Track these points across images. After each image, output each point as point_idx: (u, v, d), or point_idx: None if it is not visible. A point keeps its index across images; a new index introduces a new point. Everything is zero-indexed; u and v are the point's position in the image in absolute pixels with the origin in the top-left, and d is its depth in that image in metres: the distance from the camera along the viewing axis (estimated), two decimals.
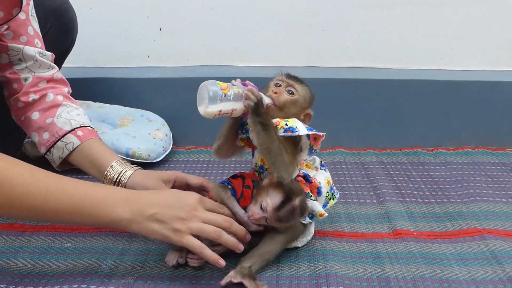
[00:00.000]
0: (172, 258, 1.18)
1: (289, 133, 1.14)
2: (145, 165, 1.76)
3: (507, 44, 2.07)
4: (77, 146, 1.32)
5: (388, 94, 1.98)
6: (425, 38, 2.07)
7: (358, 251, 1.27)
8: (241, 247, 1.12)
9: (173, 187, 1.29)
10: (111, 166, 1.29)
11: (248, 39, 2.10)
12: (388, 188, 1.61)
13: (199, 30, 2.09)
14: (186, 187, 1.30)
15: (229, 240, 1.11)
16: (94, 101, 1.94)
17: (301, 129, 1.15)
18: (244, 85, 1.15)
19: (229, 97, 1.11)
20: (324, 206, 1.22)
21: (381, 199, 1.54)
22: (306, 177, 1.21)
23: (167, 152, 1.84)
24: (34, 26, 1.36)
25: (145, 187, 1.25)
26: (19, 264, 1.20)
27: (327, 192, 1.23)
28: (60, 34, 1.59)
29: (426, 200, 1.54)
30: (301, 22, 2.07)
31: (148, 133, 1.83)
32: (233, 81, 1.16)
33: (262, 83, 1.24)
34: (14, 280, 1.14)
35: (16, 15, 1.28)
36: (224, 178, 1.66)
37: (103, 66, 2.13)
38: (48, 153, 1.34)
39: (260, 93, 1.16)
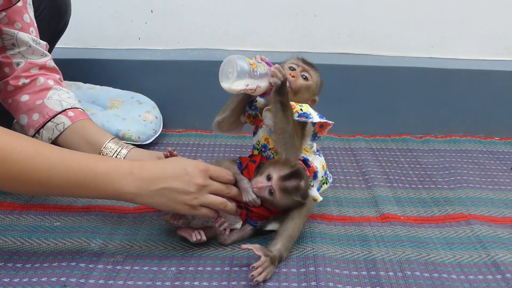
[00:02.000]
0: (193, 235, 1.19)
1: (303, 119, 1.15)
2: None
3: (497, 33, 2.08)
4: (68, 127, 1.31)
5: (378, 81, 1.99)
6: (416, 26, 2.08)
7: (345, 234, 1.28)
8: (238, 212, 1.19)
9: None
10: (106, 145, 1.29)
11: (239, 23, 2.09)
12: (377, 173, 1.63)
13: (191, 13, 2.08)
14: None
15: (233, 208, 1.17)
16: (84, 82, 1.93)
17: (314, 116, 1.16)
18: (267, 64, 1.14)
19: (256, 73, 1.09)
20: (318, 190, 1.24)
21: (370, 184, 1.55)
22: (305, 161, 1.22)
23: (157, 135, 1.84)
24: (30, 14, 1.34)
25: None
26: (8, 242, 1.20)
27: (322, 176, 1.24)
28: (53, 16, 1.57)
29: (414, 186, 1.56)
30: (293, 7, 2.07)
31: (138, 115, 1.83)
32: (255, 58, 1.15)
33: None
34: (3, 258, 1.14)
35: (15, 3, 1.28)
36: (214, 163, 1.68)
37: (93, 48, 2.12)
38: (36, 134, 1.32)
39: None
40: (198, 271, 1.12)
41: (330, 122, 1.19)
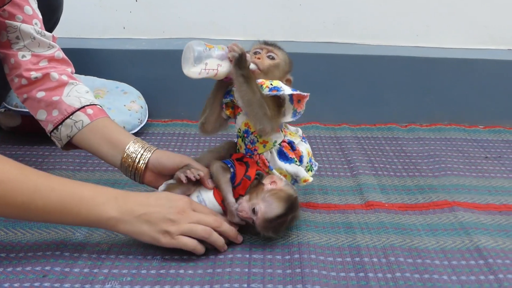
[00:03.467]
0: None
1: (274, 92, 1.14)
2: None
3: (481, 23, 2.09)
4: (87, 125, 1.26)
5: (364, 70, 2.00)
6: (401, 15, 2.08)
7: (330, 221, 1.29)
8: (225, 247, 1.15)
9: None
10: (130, 145, 1.25)
11: (225, 12, 2.09)
12: (362, 162, 1.64)
13: (176, 2, 2.07)
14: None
15: (219, 239, 1.12)
16: None
17: (286, 89, 1.16)
18: None
19: (213, 53, 1.11)
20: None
21: (355, 172, 1.56)
22: (291, 144, 1.22)
23: (142, 124, 1.83)
24: (32, 6, 1.31)
25: (165, 167, 1.24)
26: None
27: (307, 162, 1.25)
28: (45, 12, 1.55)
29: (399, 174, 1.57)
30: None
31: (123, 105, 1.82)
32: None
33: None
34: None
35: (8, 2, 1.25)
36: (200, 151, 1.68)
37: (77, 37, 2.10)
38: (55, 131, 1.28)
39: (249, 58, 1.16)
40: (184, 259, 1.12)
41: (305, 94, 1.19)
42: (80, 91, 1.31)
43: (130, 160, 1.25)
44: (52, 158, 1.60)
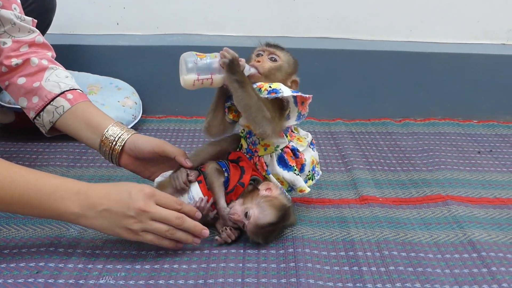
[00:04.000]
0: None
1: (273, 95, 1.13)
2: None
3: (474, 17, 2.10)
4: (67, 110, 1.26)
5: (358, 65, 2.00)
6: (395, 10, 2.08)
7: (324, 216, 1.29)
8: (196, 240, 1.12)
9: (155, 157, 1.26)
10: (109, 128, 1.25)
11: (219, 8, 2.08)
12: (356, 156, 1.64)
13: None
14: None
15: (183, 236, 1.10)
16: None
17: (285, 90, 1.14)
18: None
19: (205, 62, 1.11)
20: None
21: (349, 167, 1.56)
22: (294, 151, 1.21)
23: (136, 120, 1.83)
24: None
25: (141, 151, 1.24)
26: None
27: (309, 171, 1.24)
28: (41, 11, 1.55)
29: (393, 168, 1.57)
30: None
31: (117, 101, 1.82)
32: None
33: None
34: None
35: None
36: (194, 147, 1.68)
37: (71, 33, 2.10)
38: (37, 117, 1.28)
39: (243, 62, 1.15)
40: (178, 254, 1.12)
41: (307, 95, 1.18)
42: (60, 75, 1.31)
43: (108, 142, 1.24)
44: (46, 155, 1.60)
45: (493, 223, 1.27)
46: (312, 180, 1.26)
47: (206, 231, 1.11)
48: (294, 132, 1.25)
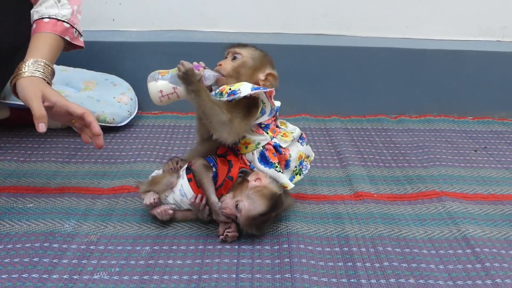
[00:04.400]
0: (148, 198, 1.20)
1: (232, 97, 1.15)
2: (110, 129, 1.76)
3: (470, 14, 2.10)
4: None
5: (354, 62, 2.00)
6: (390, 7, 2.08)
7: (319, 212, 1.30)
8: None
9: (54, 112, 1.26)
10: (27, 62, 1.28)
11: (214, 4, 2.08)
12: (351, 153, 1.64)
13: None
14: (67, 114, 1.26)
15: None
16: (57, 64, 1.90)
17: (244, 90, 1.16)
18: (196, 67, 1.15)
19: (165, 78, 1.17)
20: (291, 180, 1.23)
21: (344, 164, 1.57)
22: (276, 148, 1.21)
23: (132, 116, 1.83)
24: None
25: (23, 94, 1.24)
26: None
27: (295, 166, 1.24)
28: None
29: (388, 165, 1.57)
30: None
31: (113, 97, 1.82)
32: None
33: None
34: None
35: None
36: (189, 144, 1.68)
37: None
38: None
39: (207, 70, 1.18)
40: (172, 250, 1.12)
41: (268, 89, 1.18)
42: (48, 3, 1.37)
43: (16, 70, 1.28)
44: (41, 150, 1.59)
45: (487, 219, 1.27)
46: (300, 175, 1.26)
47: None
48: (280, 128, 1.26)
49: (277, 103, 1.24)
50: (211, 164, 1.19)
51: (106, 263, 1.07)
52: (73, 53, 1.94)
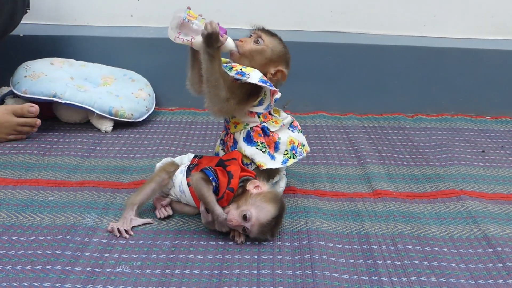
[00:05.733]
0: (158, 213, 1.23)
1: (239, 76, 1.17)
2: (128, 124, 1.77)
3: (488, 12, 2.09)
4: None
5: (370, 60, 2.00)
6: (408, 5, 2.08)
7: (338, 209, 1.30)
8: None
9: None
10: None
11: (231, 0, 2.08)
12: (369, 151, 1.64)
13: None
14: None
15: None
16: (77, 59, 1.92)
17: (253, 77, 1.18)
18: (221, 28, 1.17)
19: (191, 24, 1.18)
20: (284, 162, 1.25)
21: (362, 161, 1.56)
22: (264, 129, 1.24)
23: (150, 112, 1.84)
24: None
25: None
26: (3, 216, 1.21)
27: (286, 150, 1.26)
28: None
29: (406, 163, 1.57)
30: None
31: (131, 92, 1.83)
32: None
33: None
34: None
35: None
36: (207, 140, 1.69)
37: (86, 25, 2.10)
38: None
39: (229, 39, 1.19)
40: (193, 245, 1.13)
41: (273, 88, 1.21)
42: None
43: None
44: (60, 145, 1.60)
45: (507, 219, 1.27)
46: (294, 158, 1.27)
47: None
48: (272, 115, 1.28)
49: (278, 95, 1.26)
50: (211, 178, 1.15)
51: (127, 256, 1.08)
52: (92, 48, 1.97)
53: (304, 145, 1.30)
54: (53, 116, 1.77)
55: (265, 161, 1.23)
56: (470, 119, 1.95)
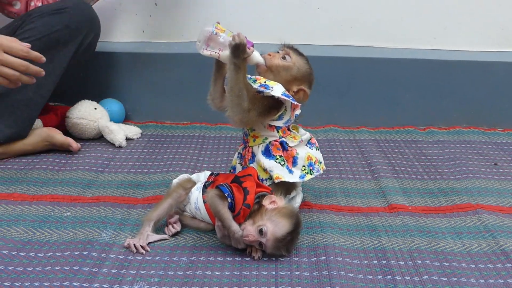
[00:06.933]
0: (166, 230, 1.23)
1: (262, 89, 1.19)
2: (141, 139, 1.78)
3: (498, 25, 2.09)
4: None
5: (381, 73, 2.00)
6: (418, 18, 2.08)
7: (354, 224, 1.29)
8: (34, 80, 1.36)
9: None
10: None
11: (242, 15, 2.09)
12: (382, 164, 1.64)
13: (194, 6, 2.08)
14: None
15: (26, 79, 1.34)
16: (89, 75, 1.92)
17: (277, 91, 1.20)
18: (248, 42, 1.19)
19: (218, 37, 1.20)
20: (302, 177, 1.26)
21: (376, 175, 1.56)
22: (282, 144, 1.25)
23: None
24: None
25: None
26: (20, 232, 1.21)
27: (304, 166, 1.26)
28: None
29: (420, 177, 1.57)
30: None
31: None
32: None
33: None
34: (16, 247, 1.15)
35: None
36: (220, 154, 1.69)
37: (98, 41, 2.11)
38: None
39: (256, 51, 1.22)
40: (210, 261, 1.12)
41: (295, 102, 1.23)
42: None
43: None
44: (75, 159, 1.61)
45: None
46: (311, 174, 1.28)
47: (42, 58, 1.34)
48: (291, 131, 1.29)
49: (298, 110, 1.28)
50: (226, 194, 1.14)
51: (145, 273, 1.08)
52: (103, 63, 1.98)
53: (321, 162, 1.31)
54: (65, 129, 1.77)
55: (283, 174, 1.23)
56: (482, 132, 1.94)
